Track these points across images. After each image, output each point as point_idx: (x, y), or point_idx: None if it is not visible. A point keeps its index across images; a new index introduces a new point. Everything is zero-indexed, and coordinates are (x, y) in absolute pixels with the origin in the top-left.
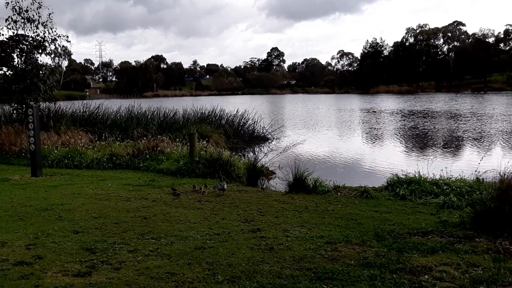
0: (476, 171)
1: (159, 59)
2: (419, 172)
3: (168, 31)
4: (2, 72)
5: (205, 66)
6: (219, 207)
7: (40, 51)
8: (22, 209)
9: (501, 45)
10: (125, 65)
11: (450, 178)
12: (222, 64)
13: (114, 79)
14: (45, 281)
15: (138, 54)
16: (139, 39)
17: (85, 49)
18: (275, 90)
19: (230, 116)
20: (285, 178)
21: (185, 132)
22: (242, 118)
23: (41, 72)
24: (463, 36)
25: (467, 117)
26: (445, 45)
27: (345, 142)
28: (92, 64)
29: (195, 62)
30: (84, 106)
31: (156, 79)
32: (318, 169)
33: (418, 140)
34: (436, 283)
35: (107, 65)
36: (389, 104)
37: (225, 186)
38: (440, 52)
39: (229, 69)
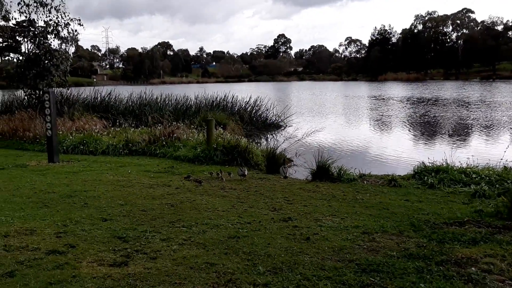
0: (502, 159)
1: (165, 46)
2: (446, 160)
3: (175, 18)
4: (13, 57)
5: (212, 53)
6: (244, 195)
7: (53, 36)
8: (45, 196)
9: (510, 33)
10: (131, 52)
11: (477, 166)
12: (228, 51)
13: (120, 65)
14: (81, 271)
15: (144, 40)
16: (145, 25)
17: (91, 35)
18: (281, 77)
19: (243, 103)
20: (303, 165)
21: (200, 118)
22: (254, 105)
23: (54, 57)
24: (472, 23)
25: (478, 104)
26: (454, 32)
27: (358, 129)
28: (99, 50)
29: (201, 49)
30: (95, 92)
31: (162, 66)
32: (335, 156)
33: (433, 127)
34: (485, 276)
35: (113, 51)
36: (398, 91)
37: (246, 172)
38: (448, 40)
39: (235, 56)
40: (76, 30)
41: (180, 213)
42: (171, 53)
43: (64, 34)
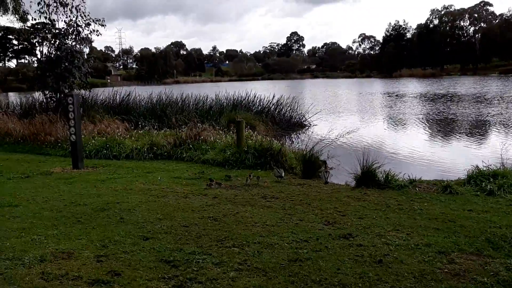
0: None
1: (178, 45)
2: (502, 163)
3: (188, 17)
4: (29, 60)
5: (225, 51)
6: (289, 205)
7: (73, 36)
8: (77, 209)
9: None
10: (145, 52)
11: None
12: (241, 50)
13: (134, 66)
14: None
15: (157, 40)
16: (158, 25)
17: (105, 36)
18: (295, 75)
19: (266, 102)
20: (338, 167)
21: (225, 119)
22: (278, 104)
23: (76, 58)
24: (490, 16)
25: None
26: (471, 26)
27: (388, 130)
28: (113, 51)
29: (214, 48)
30: (114, 94)
31: (176, 65)
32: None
33: (466, 127)
34: None
35: (127, 52)
36: (415, 87)
37: (283, 174)
38: (465, 34)
39: (248, 54)
40: (97, 30)
41: (226, 229)
42: (184, 53)
43: (85, 35)
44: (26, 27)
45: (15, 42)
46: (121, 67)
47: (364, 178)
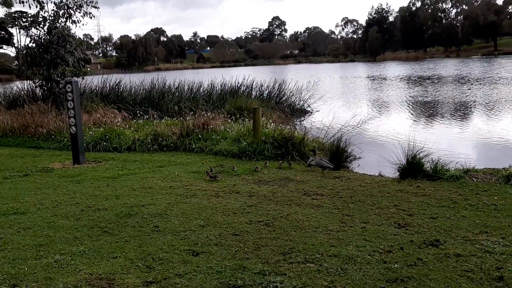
0: None
1: (158, 32)
2: None
3: (167, 3)
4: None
5: (206, 37)
6: (340, 204)
7: (64, 19)
8: (98, 215)
9: (510, 7)
10: (124, 39)
11: None
12: (222, 35)
13: (114, 54)
14: None
15: (137, 27)
16: (138, 12)
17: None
18: (278, 60)
19: (266, 88)
20: (357, 155)
21: (229, 106)
22: (280, 90)
23: (68, 43)
24: None
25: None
26: (453, 8)
27: (394, 115)
28: (92, 39)
29: (195, 34)
30: (104, 81)
31: (156, 52)
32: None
33: (461, 110)
34: None
35: (106, 39)
36: (400, 70)
37: (328, 164)
38: (447, 17)
39: (230, 40)
40: (90, 13)
41: (285, 237)
42: (165, 39)
43: (76, 18)
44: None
45: None
46: (101, 55)
47: (410, 168)
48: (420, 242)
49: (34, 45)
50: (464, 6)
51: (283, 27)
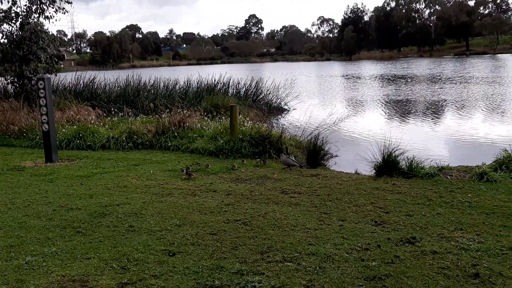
0: None
1: (134, 29)
2: None
3: (143, 0)
4: None
5: (182, 35)
6: (318, 202)
7: (37, 15)
8: (71, 215)
9: (481, 8)
10: (99, 36)
11: None
12: (199, 33)
13: (88, 50)
14: None
15: (112, 24)
16: (113, 8)
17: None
18: (254, 58)
19: (243, 86)
20: (332, 153)
21: (205, 104)
22: (257, 88)
23: (41, 39)
24: None
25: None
26: (427, 9)
27: (370, 112)
28: (65, 35)
29: (171, 31)
30: (78, 78)
31: (131, 49)
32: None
33: (439, 108)
34: None
35: (80, 36)
36: (375, 70)
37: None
38: (421, 17)
39: (206, 37)
40: (63, 8)
41: (263, 236)
42: (140, 36)
43: (49, 13)
44: None
45: None
46: (74, 51)
47: (385, 166)
48: (397, 239)
49: (6, 41)
50: (437, 7)
51: (259, 25)
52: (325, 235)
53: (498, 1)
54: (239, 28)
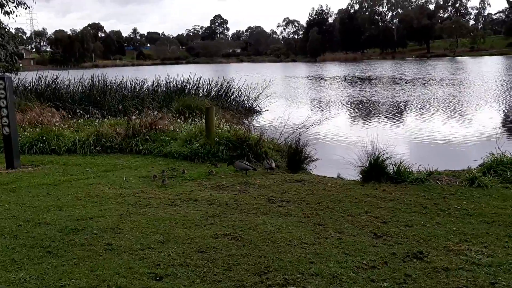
0: None
1: (96, 27)
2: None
3: None
4: None
5: (146, 34)
6: (309, 211)
7: None
8: (38, 231)
9: (441, 12)
10: (60, 34)
11: None
12: (163, 32)
13: (48, 49)
14: None
15: (73, 22)
16: (74, 6)
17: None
18: (220, 59)
19: (213, 86)
20: (313, 157)
21: (177, 106)
22: (228, 89)
23: (0, 36)
24: (406, 2)
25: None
26: (389, 12)
27: (344, 115)
28: (24, 33)
29: (135, 30)
30: (38, 78)
31: (94, 48)
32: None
33: (396, 109)
34: None
35: (40, 34)
36: (339, 71)
37: (273, 165)
38: (384, 19)
39: (171, 37)
40: (25, 3)
41: (257, 253)
42: (103, 35)
43: (9, 8)
44: None
45: None
46: (34, 50)
47: (372, 170)
48: (403, 254)
49: None
50: (399, 10)
51: (225, 26)
52: (325, 250)
53: (457, 5)
54: (204, 28)
